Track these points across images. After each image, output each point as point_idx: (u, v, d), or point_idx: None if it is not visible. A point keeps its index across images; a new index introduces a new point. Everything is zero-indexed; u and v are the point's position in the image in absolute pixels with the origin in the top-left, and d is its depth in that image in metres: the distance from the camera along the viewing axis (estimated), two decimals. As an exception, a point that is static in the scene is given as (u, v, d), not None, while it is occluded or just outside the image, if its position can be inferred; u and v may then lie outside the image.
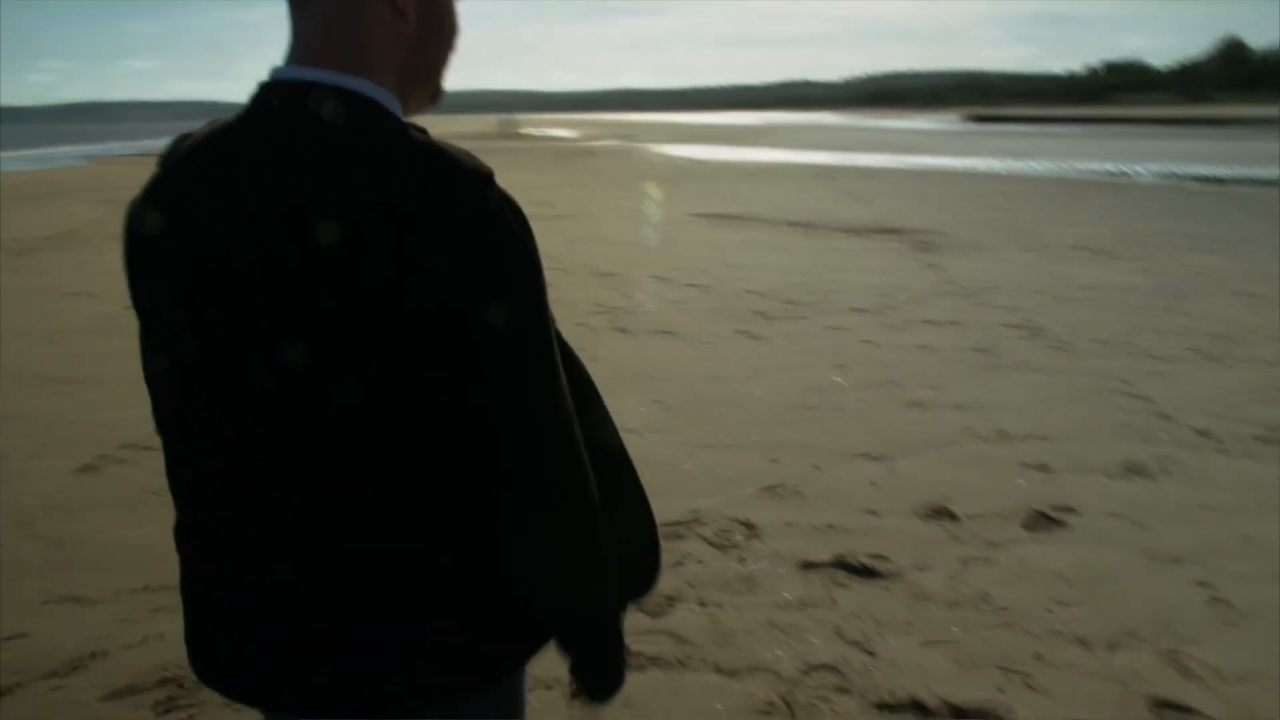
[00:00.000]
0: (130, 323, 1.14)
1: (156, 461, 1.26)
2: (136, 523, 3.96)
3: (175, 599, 1.97)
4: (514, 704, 1.22)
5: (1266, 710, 2.64)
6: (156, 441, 1.19)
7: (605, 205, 17.03)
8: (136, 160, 32.65)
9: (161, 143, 1.20)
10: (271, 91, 1.05)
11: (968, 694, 2.72)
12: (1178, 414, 5.23)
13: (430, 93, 1.18)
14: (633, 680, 2.08)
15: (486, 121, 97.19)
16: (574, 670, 1.19)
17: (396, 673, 1.08)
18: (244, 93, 1.08)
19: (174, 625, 3.11)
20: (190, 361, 1.06)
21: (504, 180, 1.03)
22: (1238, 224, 14.39)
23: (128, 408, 5.19)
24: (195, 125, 1.13)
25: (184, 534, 1.22)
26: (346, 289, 0.95)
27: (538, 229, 1.03)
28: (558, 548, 1.09)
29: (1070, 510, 3.99)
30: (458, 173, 0.99)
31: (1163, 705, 2.66)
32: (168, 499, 1.23)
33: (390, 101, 1.07)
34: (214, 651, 1.19)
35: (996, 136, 60.21)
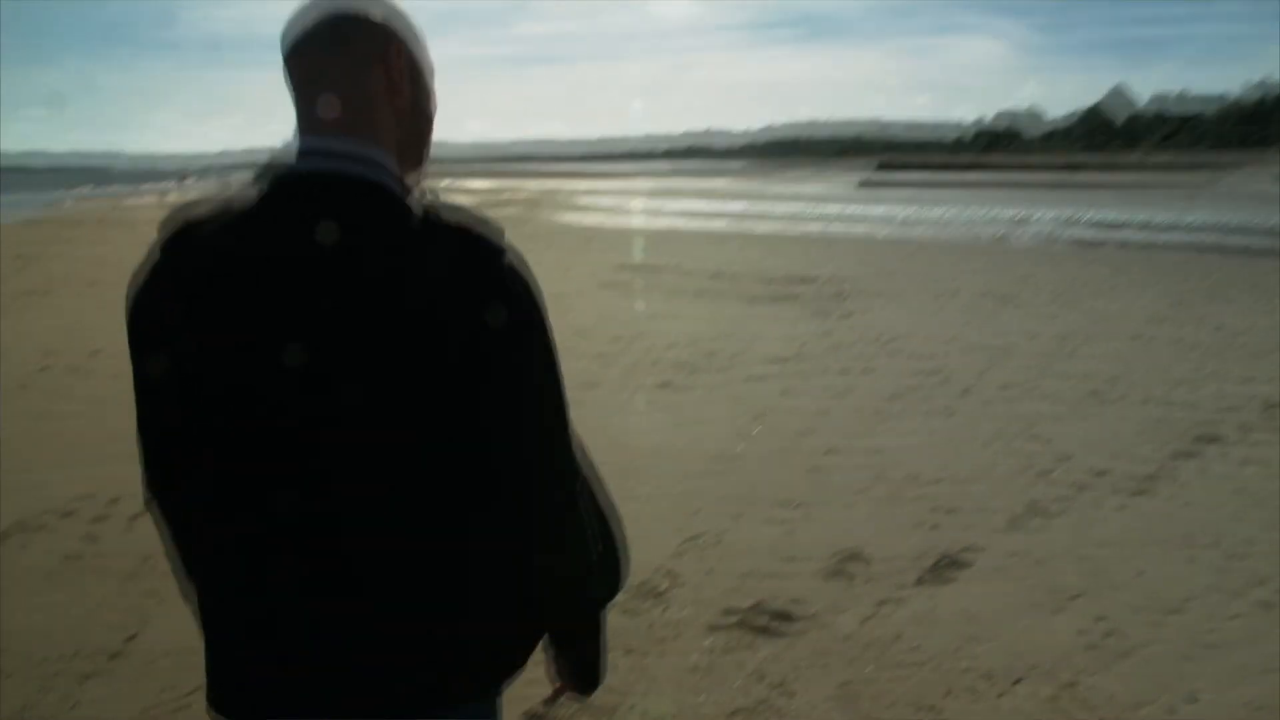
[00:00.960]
0: (25, 394, 1.20)
1: (72, 527, 1.31)
2: (55, 589, 3.89)
3: (105, 665, 1.97)
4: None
5: (1157, 735, 2.82)
6: (72, 508, 1.26)
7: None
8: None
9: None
10: (308, 162, 1.18)
11: (882, 732, 2.84)
12: (1076, 455, 5.51)
13: (417, 158, 1.29)
14: (561, 730, 2.16)
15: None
16: (569, 666, 1.36)
17: (432, 675, 1.21)
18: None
19: (104, 690, 3.09)
20: (263, 420, 1.15)
21: None
22: (1126, 268, 15.17)
23: (32, 472, 5.11)
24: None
25: (218, 572, 1.29)
26: (433, 330, 1.11)
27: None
28: (570, 546, 1.25)
29: (975, 550, 4.17)
30: (483, 245, 1.15)
31: (1063, 734, 2.82)
32: (87, 566, 1.30)
33: (393, 167, 1.20)
34: (250, 674, 1.26)
35: (900, 186, 62.24)
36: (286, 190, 1.18)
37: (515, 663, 1.30)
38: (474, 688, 1.27)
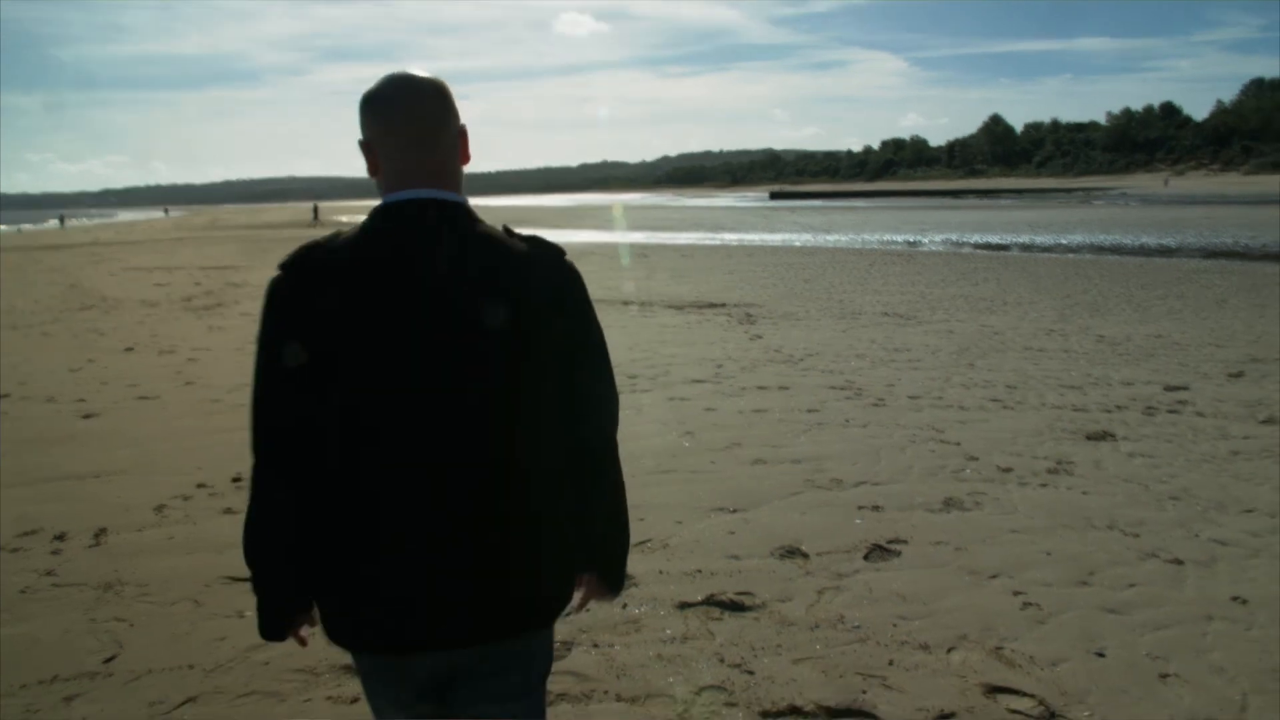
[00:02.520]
0: None
1: (27, 561, 1.54)
2: (20, 620, 3.93)
3: (88, 686, 2.20)
4: None
5: (1074, 685, 3.19)
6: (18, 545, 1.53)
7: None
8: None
9: None
10: (426, 205, 1.63)
11: (837, 697, 3.15)
12: (983, 455, 5.97)
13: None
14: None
15: (298, 210, 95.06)
16: (608, 574, 1.82)
17: (550, 594, 1.70)
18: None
19: (91, 709, 3.18)
20: (413, 390, 1.58)
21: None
22: (1013, 286, 16.07)
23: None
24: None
25: (359, 531, 1.61)
26: (536, 314, 1.62)
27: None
28: (618, 482, 1.79)
29: (902, 541, 4.55)
30: (552, 250, 1.71)
31: (994, 690, 3.18)
32: (52, 593, 1.54)
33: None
34: (405, 613, 1.60)
35: (796, 212, 63.89)
36: (417, 215, 1.63)
37: (573, 589, 1.77)
38: (563, 605, 1.73)
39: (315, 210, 72.25)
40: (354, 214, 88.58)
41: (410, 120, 1.65)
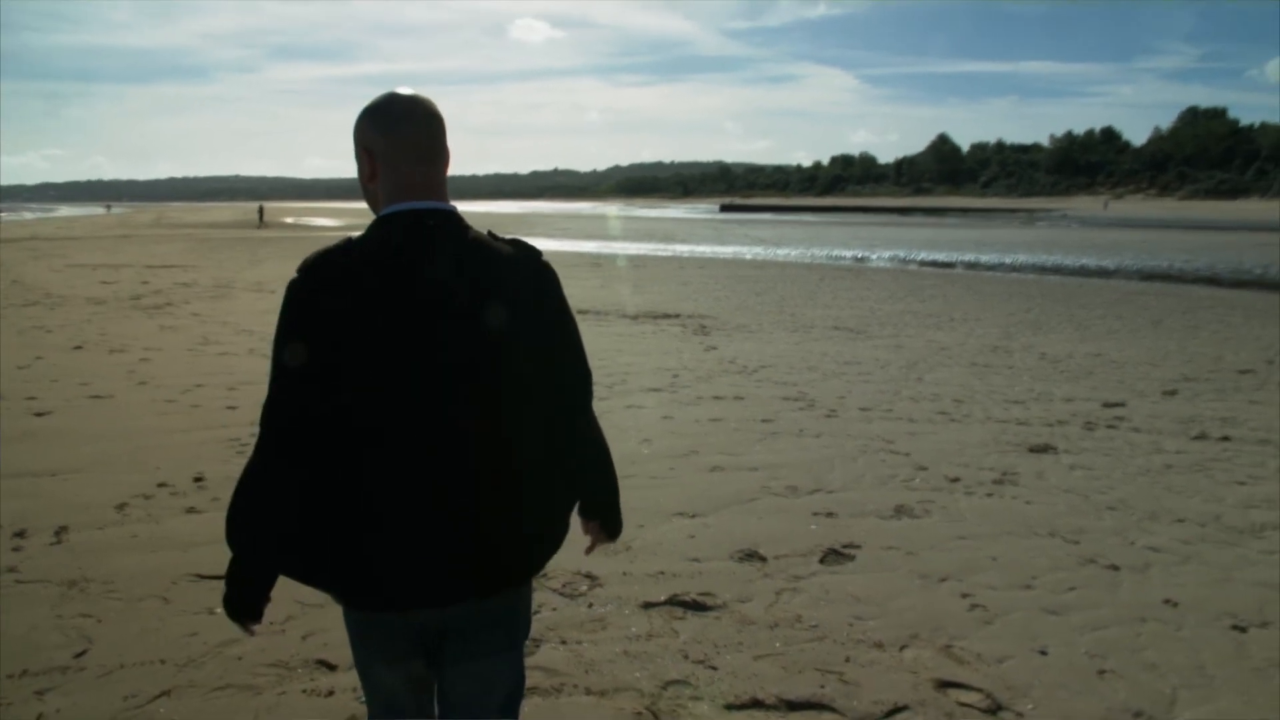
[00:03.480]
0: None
1: None
2: (-18, 617, 3.93)
3: (59, 680, 2.31)
4: None
5: (1018, 680, 3.39)
6: None
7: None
8: None
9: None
10: (432, 214, 1.84)
11: (797, 691, 3.30)
12: (932, 465, 6.19)
13: None
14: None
15: (245, 209, 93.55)
16: (606, 524, 2.16)
17: (536, 552, 1.95)
18: None
19: (65, 702, 3.22)
20: (427, 375, 1.77)
21: (278, 271, 1.73)
22: (959, 303, 16.48)
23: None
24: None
25: (381, 504, 1.79)
26: (523, 307, 1.85)
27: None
28: (602, 444, 2.12)
29: (855, 546, 4.73)
30: (533, 251, 1.93)
31: (945, 684, 3.36)
32: (15, 589, 1.65)
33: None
34: (411, 574, 1.80)
35: (747, 225, 64.48)
36: (418, 224, 1.82)
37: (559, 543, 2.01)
38: (544, 561, 1.98)
39: (261, 211, 71.06)
40: (300, 215, 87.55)
41: (419, 138, 1.86)
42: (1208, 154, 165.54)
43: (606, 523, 2.16)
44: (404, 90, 1.89)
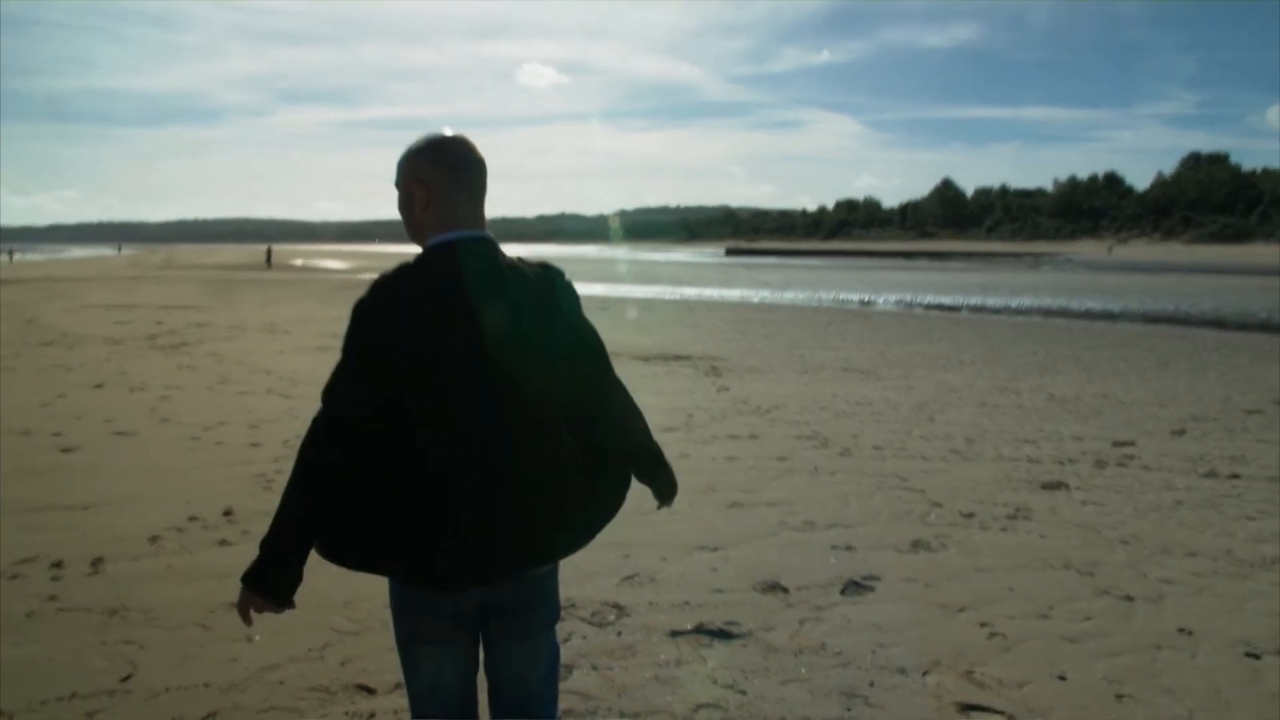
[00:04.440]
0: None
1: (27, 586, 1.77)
2: (29, 641, 4.05)
3: (108, 703, 2.47)
4: None
5: (1039, 703, 3.49)
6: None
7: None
8: None
9: None
10: (477, 242, 2.12)
11: (824, 714, 3.40)
12: (946, 501, 6.31)
13: None
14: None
15: (253, 252, 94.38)
16: (664, 489, 2.47)
17: (581, 527, 2.22)
18: None
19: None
20: (482, 378, 2.03)
21: (290, 313, 1.96)
22: (966, 346, 16.64)
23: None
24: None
25: (436, 494, 2.02)
26: (554, 316, 2.18)
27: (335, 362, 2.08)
28: (643, 422, 2.40)
29: (875, 578, 4.83)
30: (556, 270, 2.24)
31: (968, 708, 3.46)
32: (58, 617, 1.79)
33: None
34: (472, 550, 2.03)
35: (754, 269, 64.84)
36: (469, 250, 2.10)
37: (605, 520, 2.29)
38: (589, 538, 2.24)
39: (269, 253, 71.64)
40: (308, 258, 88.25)
41: (473, 177, 2.16)
42: (1211, 199, 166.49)
43: (663, 490, 2.47)
44: (451, 132, 2.16)
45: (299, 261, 77.53)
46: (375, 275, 2.08)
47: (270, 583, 2.09)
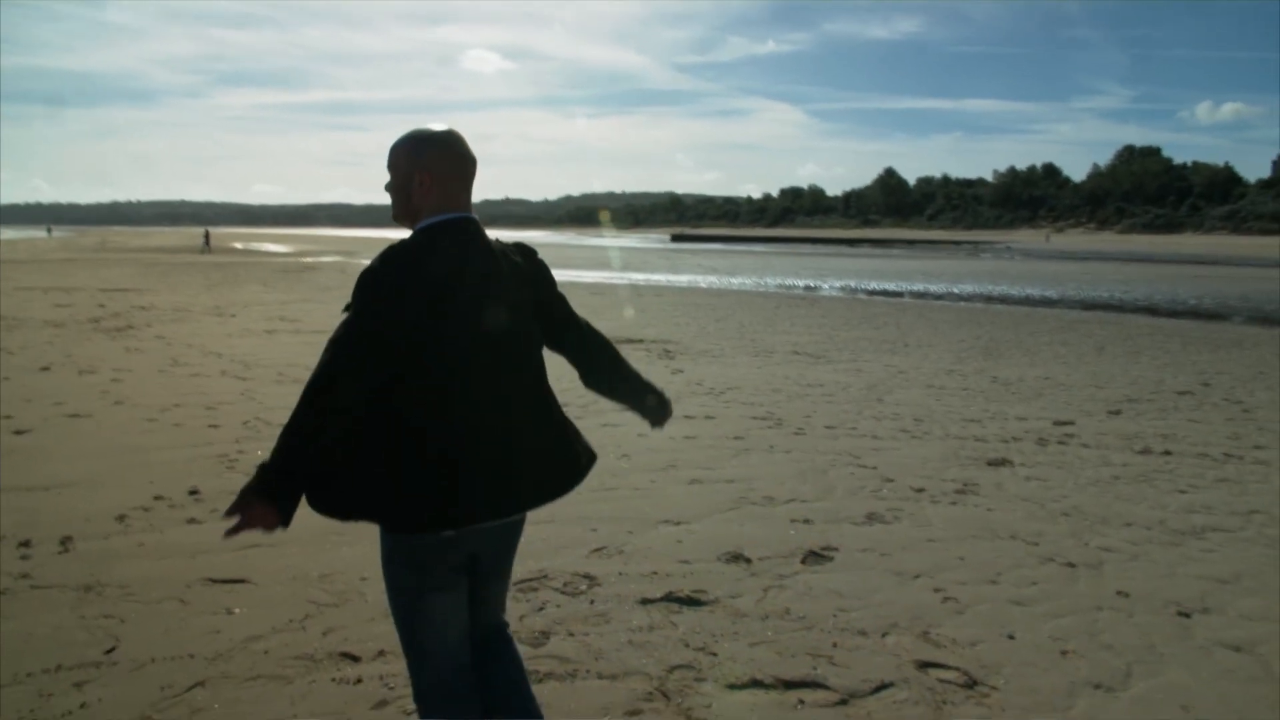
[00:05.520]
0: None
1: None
2: (5, 618, 4.09)
3: (95, 674, 2.61)
4: None
5: (990, 659, 3.73)
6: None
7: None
8: None
9: None
10: (470, 222, 2.41)
11: (792, 672, 3.60)
12: (898, 477, 6.56)
13: None
14: (536, 690, 2.81)
15: (190, 234, 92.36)
16: (656, 407, 2.90)
17: (586, 457, 2.64)
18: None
19: (104, 693, 3.39)
20: (483, 336, 2.32)
21: (235, 296, 2.17)
22: (911, 330, 17.03)
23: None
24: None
25: (453, 440, 2.28)
26: (534, 287, 2.53)
27: (290, 343, 2.27)
28: (622, 358, 2.82)
29: (833, 548, 5.05)
30: (532, 249, 2.58)
31: (925, 665, 3.68)
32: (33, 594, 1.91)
33: None
34: (487, 491, 2.31)
35: (700, 254, 65.11)
36: (462, 228, 2.38)
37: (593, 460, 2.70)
38: (585, 475, 2.59)
39: (206, 236, 70.08)
40: (249, 241, 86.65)
41: (469, 166, 2.45)
42: (1144, 190, 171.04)
43: (657, 409, 2.92)
44: (442, 126, 2.44)
45: (239, 245, 76.14)
46: (328, 258, 2.27)
47: (279, 490, 2.16)
